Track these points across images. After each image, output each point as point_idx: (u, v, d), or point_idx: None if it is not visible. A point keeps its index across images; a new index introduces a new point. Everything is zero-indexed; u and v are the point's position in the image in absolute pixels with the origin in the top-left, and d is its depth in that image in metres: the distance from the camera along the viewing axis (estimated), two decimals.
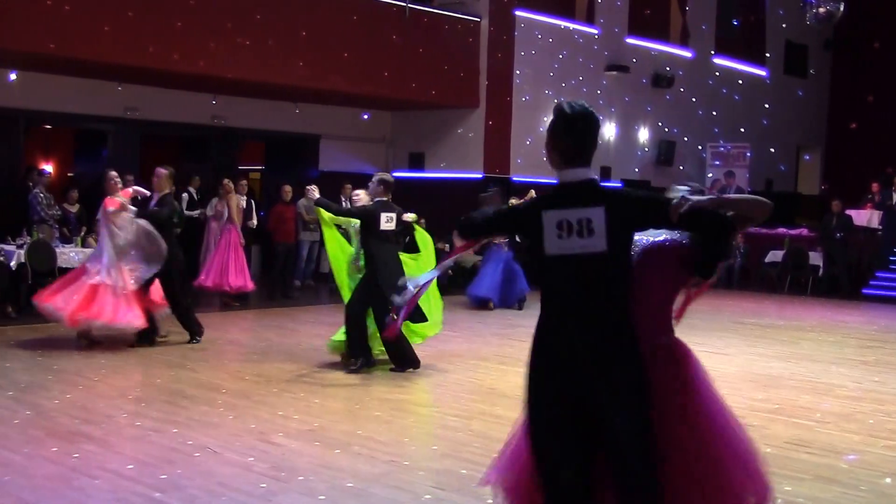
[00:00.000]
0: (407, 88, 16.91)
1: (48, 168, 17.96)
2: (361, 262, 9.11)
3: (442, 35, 17.43)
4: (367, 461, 6.01)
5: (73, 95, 15.02)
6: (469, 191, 17.81)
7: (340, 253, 9.33)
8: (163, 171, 10.13)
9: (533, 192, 14.24)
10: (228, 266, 13.39)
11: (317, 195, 9.25)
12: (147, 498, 5.17)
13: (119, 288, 9.54)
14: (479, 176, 17.97)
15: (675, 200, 3.57)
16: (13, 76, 14.29)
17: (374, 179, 9.32)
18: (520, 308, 14.20)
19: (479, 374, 9.30)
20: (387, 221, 8.93)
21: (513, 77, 18.40)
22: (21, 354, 9.28)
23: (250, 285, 13.73)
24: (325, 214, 9.25)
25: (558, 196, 3.74)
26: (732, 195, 3.84)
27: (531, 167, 18.70)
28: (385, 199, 9.09)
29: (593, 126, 3.78)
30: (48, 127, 17.69)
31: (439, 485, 5.57)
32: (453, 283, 16.00)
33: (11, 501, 5.04)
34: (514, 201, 14.30)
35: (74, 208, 13.99)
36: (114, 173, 10.15)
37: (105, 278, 9.54)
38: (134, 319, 9.57)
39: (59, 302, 9.52)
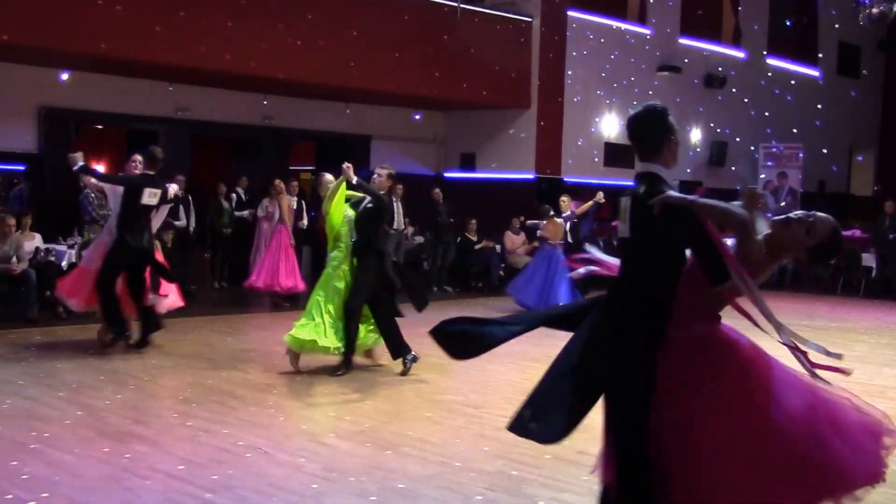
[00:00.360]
0: (458, 89, 16.82)
1: (101, 168, 18.14)
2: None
3: (493, 35, 17.32)
4: (417, 462, 5.91)
5: (124, 95, 15.13)
6: (520, 191, 17.69)
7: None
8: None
9: (601, 194, 14.00)
10: (279, 267, 13.35)
11: (352, 174, 8.90)
12: (198, 498, 5.11)
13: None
14: (531, 176, 17.82)
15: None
16: (65, 76, 14.42)
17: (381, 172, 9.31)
18: None
19: (529, 375, 9.08)
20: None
21: (564, 77, 18.25)
22: (72, 354, 9.30)
23: (301, 286, 13.68)
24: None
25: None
26: (707, 201, 3.70)
27: (582, 167, 18.55)
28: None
29: (636, 127, 4.03)
30: (99, 127, 17.85)
31: (490, 486, 5.46)
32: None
33: (63, 501, 5.00)
34: (565, 200, 14.05)
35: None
36: (139, 157, 9.85)
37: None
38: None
39: (69, 287, 9.75)
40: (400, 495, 5.26)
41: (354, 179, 8.84)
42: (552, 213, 13.84)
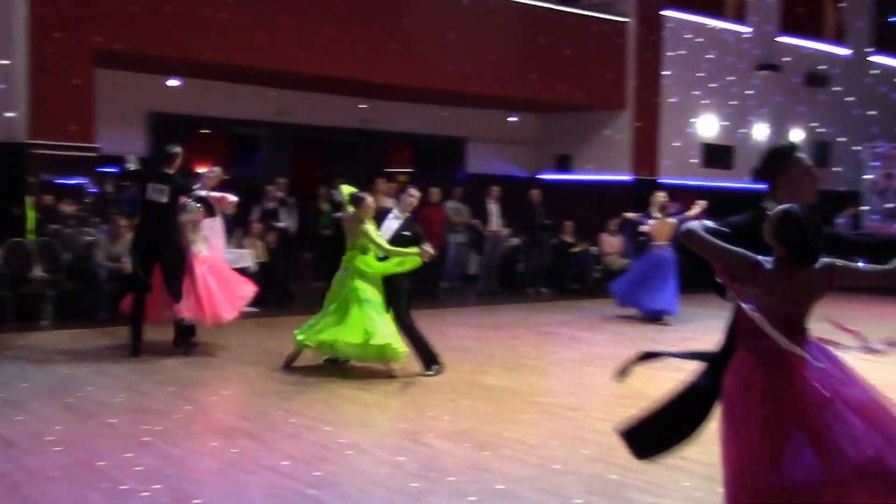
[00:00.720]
0: (554, 90, 16.81)
1: (204, 171, 18.62)
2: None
3: (589, 36, 17.25)
4: (516, 463, 5.95)
5: (228, 100, 15.53)
6: (617, 193, 17.57)
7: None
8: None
9: (702, 203, 13.42)
10: None
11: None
12: (302, 494, 5.25)
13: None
14: (628, 178, 17.69)
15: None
16: (173, 83, 14.89)
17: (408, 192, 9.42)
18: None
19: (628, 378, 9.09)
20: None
21: (660, 78, 18.06)
22: (179, 351, 9.59)
23: None
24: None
25: None
26: (712, 242, 3.76)
27: (680, 169, 18.33)
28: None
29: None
30: (205, 131, 18.34)
31: (589, 490, 5.46)
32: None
33: (174, 494, 5.19)
34: (661, 197, 13.62)
35: (230, 210, 14.39)
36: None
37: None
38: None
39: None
40: (499, 496, 5.32)
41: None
42: (667, 206, 13.26)
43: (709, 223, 3.95)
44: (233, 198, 10.08)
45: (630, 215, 14.07)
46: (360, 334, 8.43)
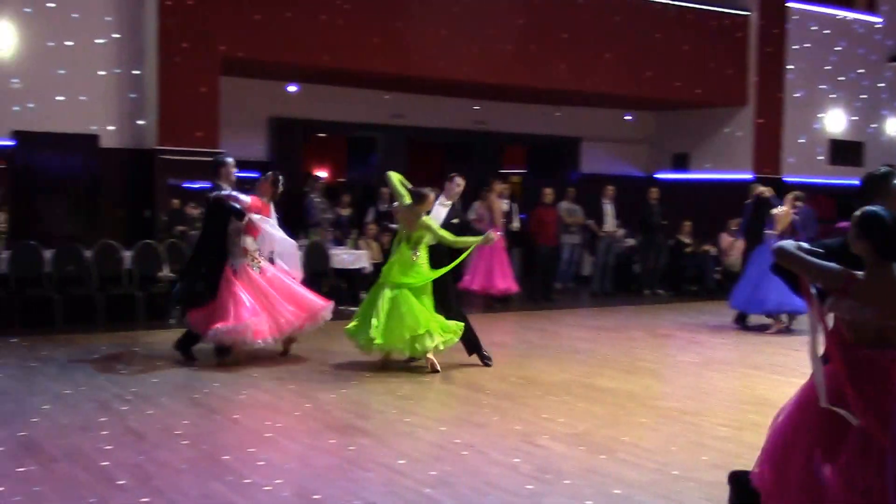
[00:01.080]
0: (671, 88, 16.57)
1: (323, 174, 19.04)
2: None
3: (708, 31, 16.94)
4: (633, 468, 5.88)
5: (345, 104, 15.81)
6: (736, 192, 17.20)
7: None
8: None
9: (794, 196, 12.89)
10: (494, 269, 13.55)
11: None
12: (418, 493, 5.31)
13: None
14: (749, 176, 17.28)
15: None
16: (293, 88, 15.25)
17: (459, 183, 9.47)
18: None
19: (749, 383, 8.91)
20: None
21: (784, 72, 17.61)
22: (298, 349, 9.81)
23: (515, 287, 13.86)
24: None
25: None
26: (804, 258, 3.95)
27: (805, 166, 17.83)
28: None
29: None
30: (323, 135, 18.73)
31: (710, 497, 5.34)
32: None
33: (295, 488, 5.33)
34: (765, 191, 13.10)
35: (346, 212, 14.69)
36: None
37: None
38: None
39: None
40: (616, 501, 5.26)
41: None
42: (799, 198, 12.51)
43: (803, 244, 4.08)
44: (261, 224, 9.24)
45: (764, 190, 13.08)
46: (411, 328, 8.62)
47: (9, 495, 5.09)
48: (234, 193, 9.08)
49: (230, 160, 9.39)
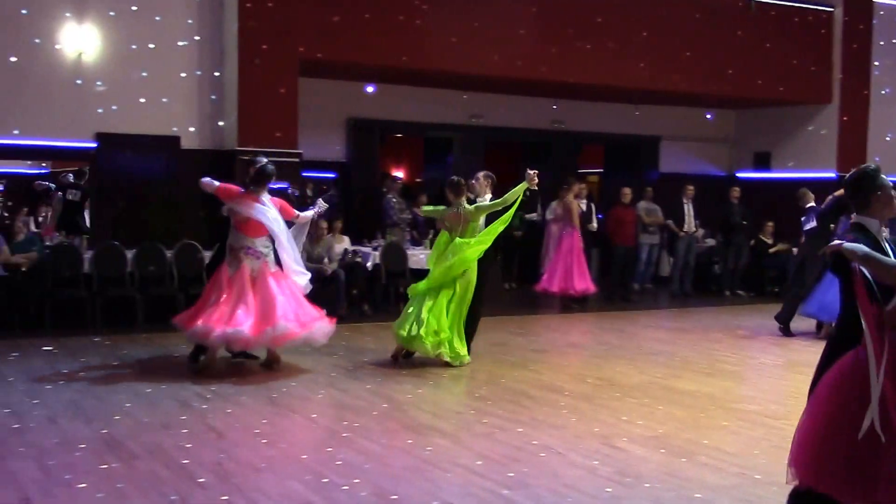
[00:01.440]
0: (753, 86, 16.26)
1: (400, 174, 19.11)
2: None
3: (791, 28, 16.58)
4: (714, 472, 5.78)
5: (422, 105, 15.84)
6: (820, 191, 16.80)
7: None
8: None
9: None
10: (572, 270, 13.46)
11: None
12: (496, 494, 5.28)
13: None
14: (832, 175, 16.86)
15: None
16: (370, 89, 15.33)
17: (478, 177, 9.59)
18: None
19: None
20: None
21: (871, 69, 17.12)
22: (376, 349, 9.87)
23: (593, 288, 13.74)
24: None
25: None
26: (872, 255, 4.03)
27: (891, 165, 17.23)
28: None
29: (847, 188, 4.70)
30: (400, 136, 18.79)
31: None
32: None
33: (372, 488, 5.34)
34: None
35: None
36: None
37: None
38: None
39: None
40: None
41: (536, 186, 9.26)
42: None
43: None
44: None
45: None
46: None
47: (92, 491, 5.19)
48: (206, 179, 8.65)
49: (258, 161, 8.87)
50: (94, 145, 12.36)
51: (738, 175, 18.33)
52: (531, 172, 9.13)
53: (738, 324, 12.68)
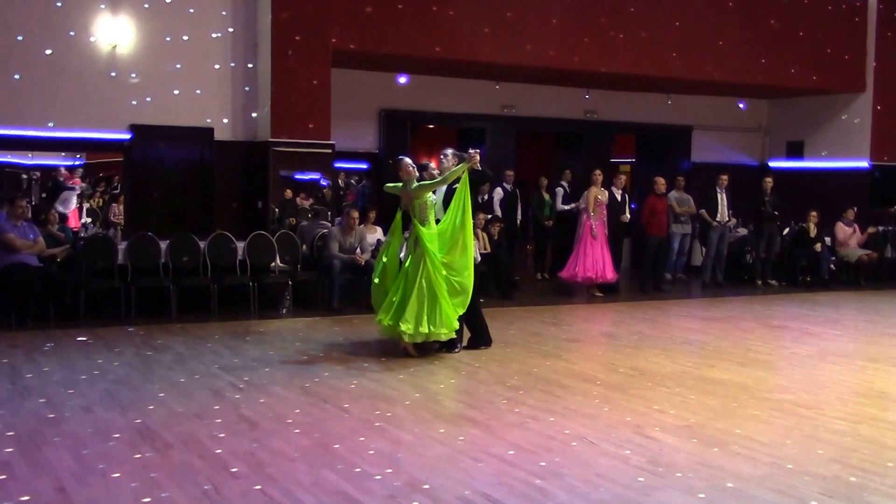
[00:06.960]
0: (786, 75, 16.16)
1: (431, 164, 19.09)
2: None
3: (824, 16, 16.44)
4: (747, 462, 5.77)
5: (454, 95, 15.87)
6: (852, 180, 16.67)
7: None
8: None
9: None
10: (598, 259, 13.48)
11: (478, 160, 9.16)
12: (528, 484, 5.30)
13: None
14: (866, 164, 16.73)
15: None
16: (402, 80, 15.37)
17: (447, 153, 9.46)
18: None
19: (867, 376, 8.63)
20: None
21: None
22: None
23: (614, 276, 13.72)
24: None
25: None
26: None
27: None
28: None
29: None
30: (432, 126, 18.82)
31: (826, 492, 5.21)
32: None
33: (405, 478, 5.38)
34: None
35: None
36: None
37: None
38: None
39: None
40: (730, 495, 5.17)
41: (479, 166, 9.20)
42: None
43: None
44: None
45: None
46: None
47: (126, 481, 5.26)
48: None
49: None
50: (128, 136, 12.50)
51: (771, 164, 18.20)
52: (472, 152, 9.17)
53: (770, 313, 12.62)
